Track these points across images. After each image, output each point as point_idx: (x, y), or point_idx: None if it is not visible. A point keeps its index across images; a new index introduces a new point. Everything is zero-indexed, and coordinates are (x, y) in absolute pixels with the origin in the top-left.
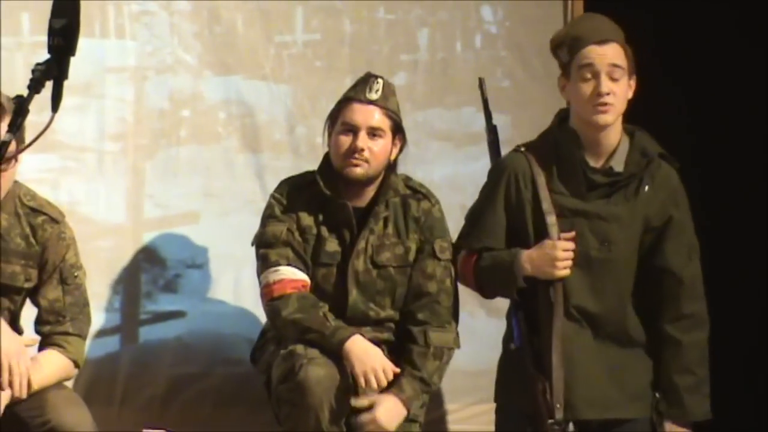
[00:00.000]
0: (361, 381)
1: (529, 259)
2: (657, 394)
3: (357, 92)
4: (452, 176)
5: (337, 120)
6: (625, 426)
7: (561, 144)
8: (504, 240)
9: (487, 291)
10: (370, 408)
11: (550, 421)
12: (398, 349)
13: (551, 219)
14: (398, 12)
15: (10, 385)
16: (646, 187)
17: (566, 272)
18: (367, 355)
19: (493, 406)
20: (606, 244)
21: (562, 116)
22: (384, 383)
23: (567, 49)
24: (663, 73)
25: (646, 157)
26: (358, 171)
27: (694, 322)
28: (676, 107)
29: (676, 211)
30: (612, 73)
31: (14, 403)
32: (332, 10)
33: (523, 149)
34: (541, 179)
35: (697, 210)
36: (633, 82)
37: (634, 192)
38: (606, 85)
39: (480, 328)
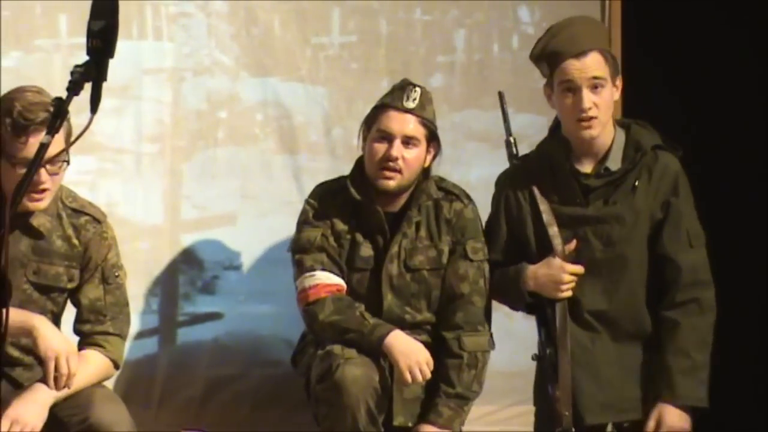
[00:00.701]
0: (407, 375)
1: (533, 276)
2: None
3: (394, 99)
4: (488, 177)
5: (373, 126)
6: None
7: (552, 155)
8: (507, 253)
9: (504, 304)
10: None
11: (558, 430)
12: (435, 352)
13: (553, 230)
14: (435, 13)
15: (56, 382)
16: (636, 182)
17: (568, 294)
18: (410, 349)
19: (528, 408)
20: (610, 244)
21: (556, 124)
22: (428, 376)
23: (546, 64)
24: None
25: (640, 150)
26: (391, 184)
27: (695, 307)
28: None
29: (674, 198)
30: (593, 86)
31: (54, 403)
32: (369, 11)
33: (519, 162)
34: (537, 191)
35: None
36: (619, 82)
37: (631, 188)
38: (587, 99)
39: (517, 330)
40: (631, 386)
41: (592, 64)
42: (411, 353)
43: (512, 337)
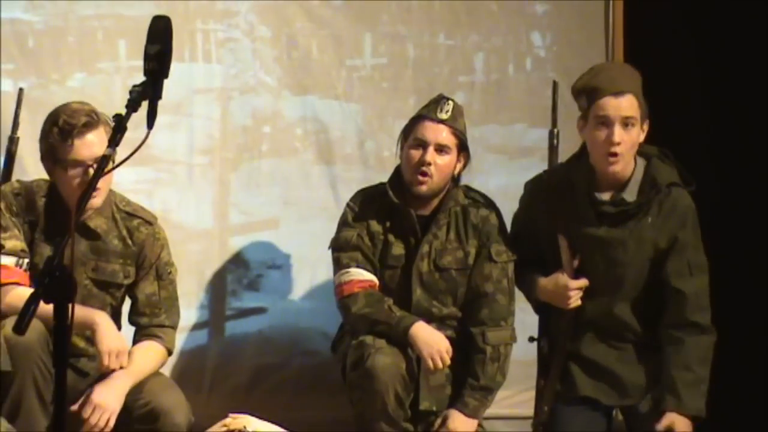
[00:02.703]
0: (429, 363)
1: (543, 289)
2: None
3: (429, 111)
4: (505, 186)
5: (410, 135)
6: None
7: (575, 179)
8: (528, 250)
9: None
10: (443, 423)
11: (535, 420)
12: (459, 345)
13: (563, 243)
14: (457, 38)
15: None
16: (650, 219)
17: (576, 304)
18: (432, 338)
19: None
20: (613, 266)
21: (581, 150)
22: (448, 363)
23: (585, 98)
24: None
25: (655, 188)
26: (424, 189)
27: (697, 329)
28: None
29: (681, 232)
30: (625, 123)
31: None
32: (397, 36)
33: (545, 176)
34: (556, 205)
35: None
36: (646, 126)
37: (641, 220)
38: (618, 134)
39: (530, 322)
40: (627, 375)
41: (626, 104)
42: (433, 342)
43: (526, 329)
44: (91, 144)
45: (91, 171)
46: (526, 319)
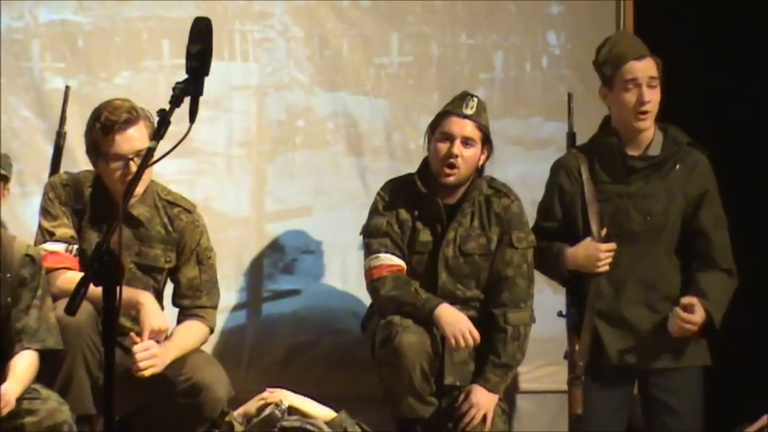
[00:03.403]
0: (452, 341)
1: (572, 257)
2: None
3: (455, 107)
4: (523, 175)
5: (437, 129)
6: (674, 375)
7: (604, 141)
8: (558, 221)
9: (543, 274)
10: (466, 397)
11: (571, 375)
12: (481, 326)
13: (593, 209)
14: (477, 37)
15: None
16: (677, 166)
17: (606, 268)
18: (455, 319)
19: (556, 368)
20: (648, 218)
21: (605, 121)
22: (471, 343)
23: (610, 66)
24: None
25: (677, 144)
26: (452, 179)
27: (723, 272)
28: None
29: (710, 185)
30: (650, 84)
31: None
32: (422, 36)
33: (574, 151)
34: (586, 174)
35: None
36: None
37: (669, 172)
38: (647, 94)
39: (547, 303)
40: (657, 338)
41: (650, 66)
42: (456, 323)
43: (543, 310)
44: (132, 138)
45: (132, 164)
46: (543, 301)
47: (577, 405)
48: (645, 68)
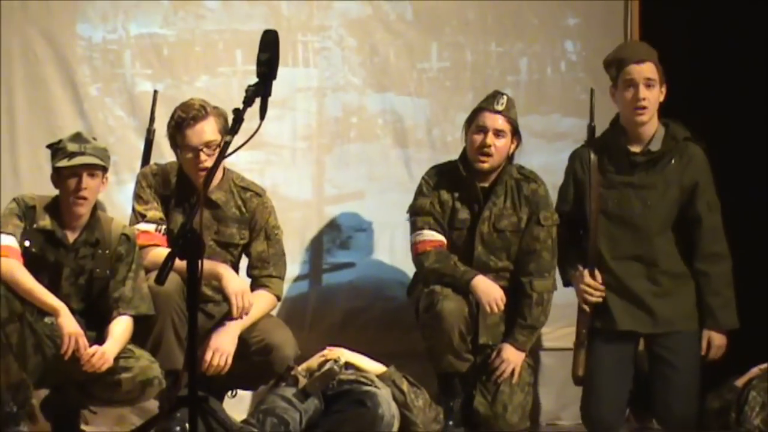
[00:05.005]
0: (486, 308)
1: (573, 278)
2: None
3: (488, 104)
4: (545, 163)
5: (472, 123)
6: (674, 336)
7: (612, 138)
8: (570, 204)
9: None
10: (497, 354)
11: (576, 341)
12: (511, 292)
13: (594, 193)
14: (505, 46)
15: (238, 312)
16: (673, 160)
17: (595, 300)
18: (489, 288)
19: (574, 329)
20: (647, 205)
21: (615, 119)
22: (502, 308)
23: (614, 67)
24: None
25: (675, 140)
26: (486, 166)
27: (718, 258)
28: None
29: (702, 176)
30: (647, 84)
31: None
32: (458, 45)
33: (588, 144)
34: (595, 165)
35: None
36: (664, 89)
37: (666, 165)
38: (642, 92)
39: None
40: (659, 308)
41: (647, 69)
42: (490, 292)
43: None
44: (200, 132)
45: (202, 154)
46: None
47: (579, 367)
48: (642, 70)
